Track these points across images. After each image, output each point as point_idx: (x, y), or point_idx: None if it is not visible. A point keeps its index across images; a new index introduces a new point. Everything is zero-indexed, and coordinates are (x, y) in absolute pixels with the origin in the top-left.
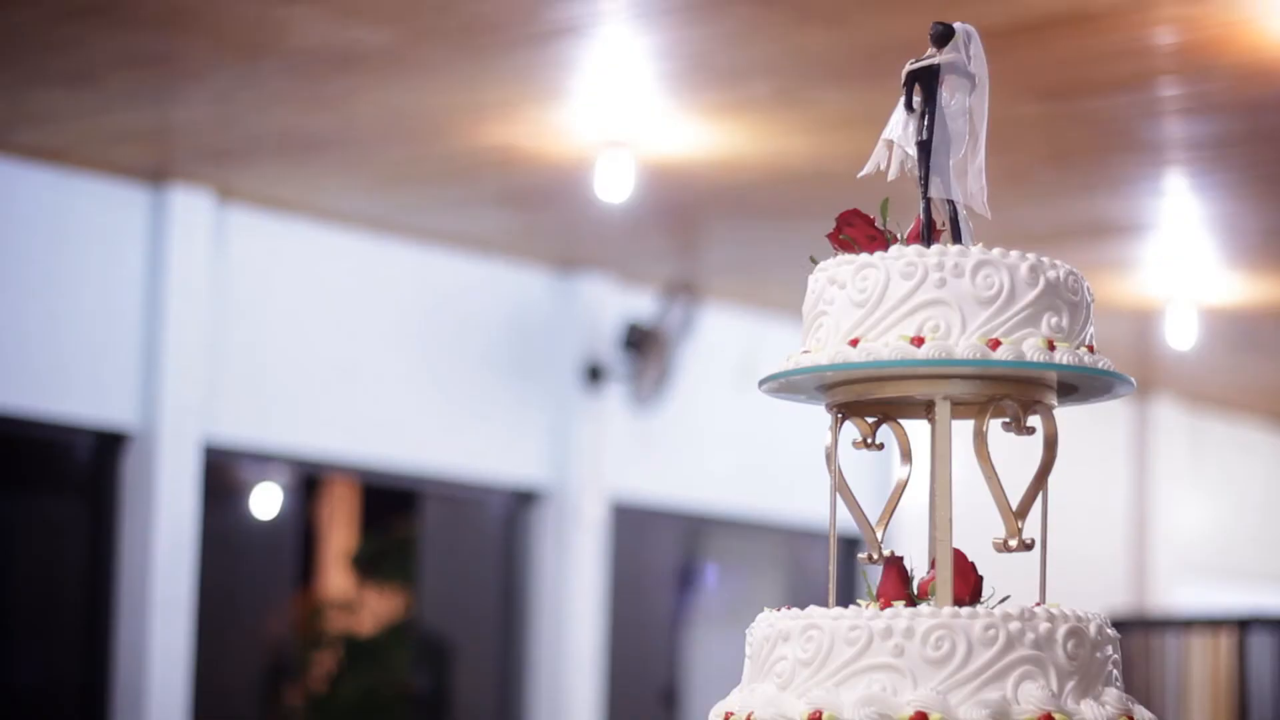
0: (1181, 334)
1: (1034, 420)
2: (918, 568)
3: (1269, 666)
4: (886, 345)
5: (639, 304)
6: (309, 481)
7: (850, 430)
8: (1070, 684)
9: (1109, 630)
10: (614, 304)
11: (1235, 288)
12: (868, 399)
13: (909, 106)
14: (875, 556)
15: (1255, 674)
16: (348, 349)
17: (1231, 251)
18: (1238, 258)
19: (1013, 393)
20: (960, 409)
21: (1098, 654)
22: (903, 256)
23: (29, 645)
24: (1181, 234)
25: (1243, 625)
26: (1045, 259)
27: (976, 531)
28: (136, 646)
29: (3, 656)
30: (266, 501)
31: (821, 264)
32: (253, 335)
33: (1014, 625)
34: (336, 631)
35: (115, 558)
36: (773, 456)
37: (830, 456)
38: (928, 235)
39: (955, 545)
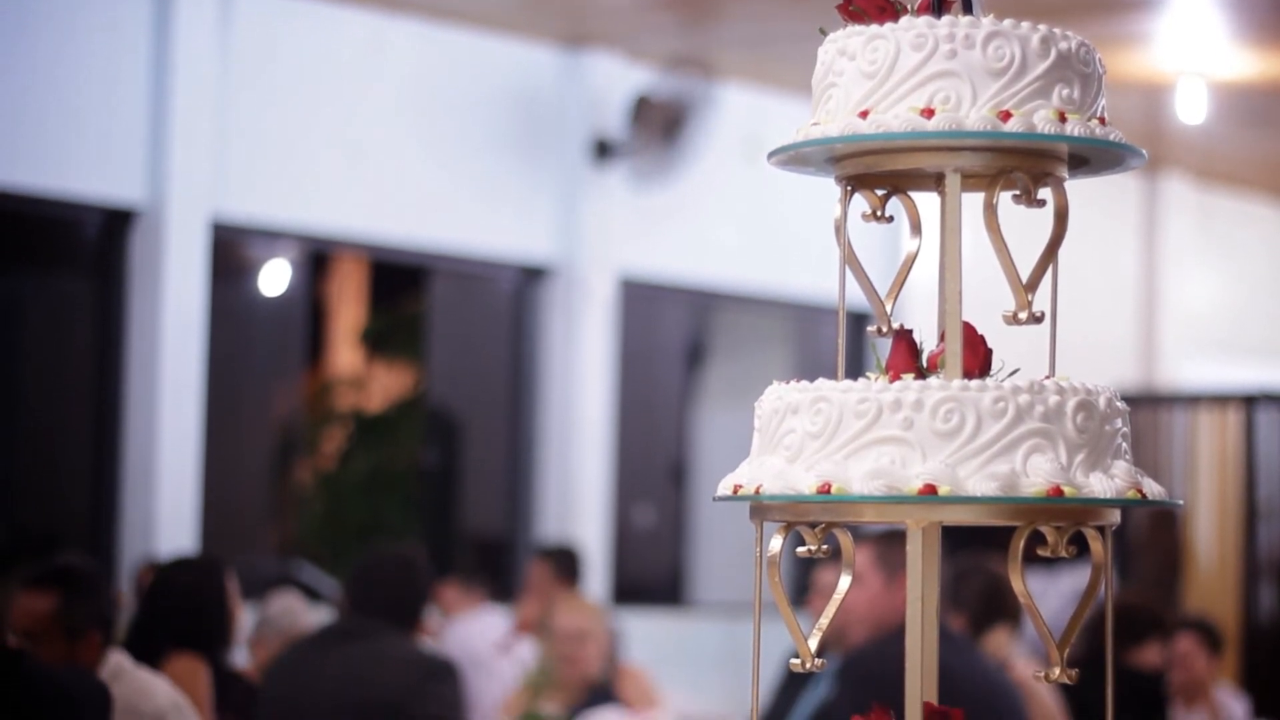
0: (1192, 108)
1: (1044, 193)
2: (927, 341)
3: (1275, 443)
4: (896, 117)
5: (647, 79)
6: (317, 258)
7: (859, 203)
8: (1079, 457)
9: (1118, 403)
10: (622, 79)
11: (1246, 62)
12: (877, 171)
13: None
14: (884, 329)
15: (1262, 450)
16: (355, 126)
17: (1243, 26)
18: (1249, 32)
19: (1023, 165)
20: (970, 181)
21: (1107, 427)
22: (913, 28)
23: (37, 424)
24: (1193, 8)
25: (1249, 401)
26: (1057, 30)
27: (985, 309)
28: (146, 424)
29: (11, 435)
30: (275, 278)
31: (831, 35)
32: (260, 112)
33: (1023, 398)
34: (346, 408)
35: (124, 336)
36: (781, 231)
37: (839, 229)
38: (938, 6)
39: (964, 318)
